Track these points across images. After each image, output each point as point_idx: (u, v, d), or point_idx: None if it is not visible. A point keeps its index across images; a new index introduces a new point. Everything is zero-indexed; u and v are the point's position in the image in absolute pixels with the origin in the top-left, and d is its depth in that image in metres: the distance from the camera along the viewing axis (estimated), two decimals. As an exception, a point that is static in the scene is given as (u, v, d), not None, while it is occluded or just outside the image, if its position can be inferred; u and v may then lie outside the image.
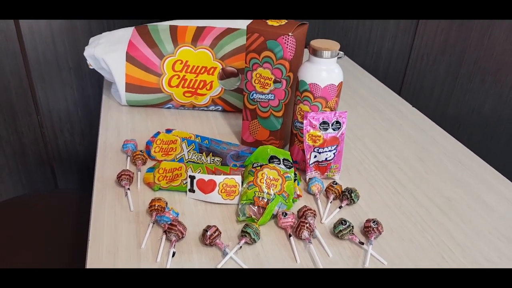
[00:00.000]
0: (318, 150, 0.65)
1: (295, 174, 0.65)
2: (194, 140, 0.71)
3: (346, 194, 0.62)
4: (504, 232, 0.59)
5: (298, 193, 0.63)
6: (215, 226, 0.54)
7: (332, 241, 0.56)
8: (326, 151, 0.65)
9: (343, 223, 0.55)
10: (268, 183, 0.59)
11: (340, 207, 0.62)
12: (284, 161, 0.63)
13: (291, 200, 0.60)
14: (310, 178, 0.66)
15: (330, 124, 0.64)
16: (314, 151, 0.65)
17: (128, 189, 0.62)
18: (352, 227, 0.56)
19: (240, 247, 0.53)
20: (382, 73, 1.40)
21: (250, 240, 0.54)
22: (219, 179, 0.61)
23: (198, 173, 0.63)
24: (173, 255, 0.52)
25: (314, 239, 0.56)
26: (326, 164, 0.66)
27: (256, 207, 0.58)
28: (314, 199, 0.64)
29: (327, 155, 0.65)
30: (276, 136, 0.72)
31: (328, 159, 0.66)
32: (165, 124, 0.82)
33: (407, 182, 0.69)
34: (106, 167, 0.68)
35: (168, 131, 0.75)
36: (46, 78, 1.20)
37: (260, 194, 0.58)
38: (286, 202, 0.59)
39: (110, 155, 0.71)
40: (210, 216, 0.59)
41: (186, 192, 0.62)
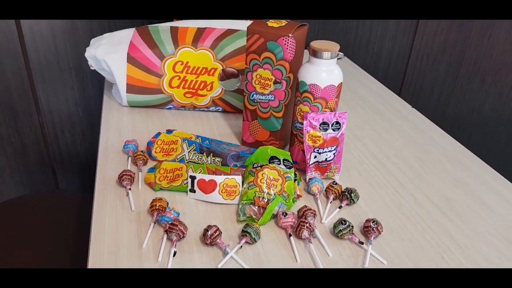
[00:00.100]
0: (318, 150, 0.65)
1: (295, 174, 0.65)
2: (195, 140, 0.71)
3: (346, 194, 0.63)
4: (503, 232, 0.60)
5: (298, 193, 0.63)
6: (215, 226, 0.54)
7: (332, 240, 0.56)
8: (326, 152, 0.65)
9: (343, 223, 0.56)
10: (268, 183, 0.60)
11: (340, 207, 0.62)
12: (284, 161, 0.63)
13: (291, 200, 0.61)
14: (310, 178, 0.66)
15: (330, 125, 0.64)
16: (314, 152, 0.65)
17: (129, 189, 0.63)
18: (352, 227, 0.56)
19: (241, 247, 0.54)
20: (382, 73, 1.40)
21: (250, 239, 0.54)
22: (219, 179, 0.61)
23: (199, 173, 0.63)
24: (174, 254, 0.52)
25: (314, 239, 0.56)
26: (326, 165, 0.66)
27: (257, 207, 0.59)
28: (314, 199, 0.64)
29: (327, 155, 0.65)
30: (276, 136, 0.72)
31: (328, 159, 0.66)
32: (165, 124, 0.82)
33: (407, 182, 0.69)
34: (107, 167, 0.68)
35: (169, 131, 0.75)
36: (47, 79, 1.21)
37: (261, 194, 0.58)
38: (286, 202, 0.60)
39: (111, 155, 0.71)
40: (210, 216, 0.59)
41: (187, 192, 0.63)
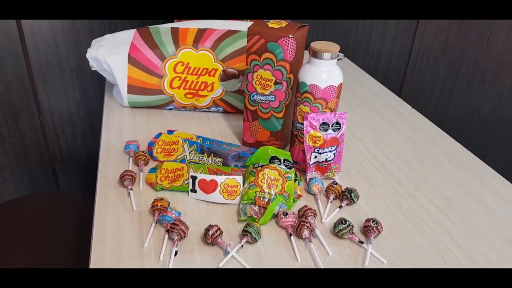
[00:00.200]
0: (318, 150, 0.65)
1: (295, 175, 0.65)
2: (196, 141, 0.72)
3: (346, 194, 0.63)
4: (503, 232, 0.60)
5: (299, 193, 0.64)
6: (216, 226, 0.54)
7: (332, 240, 0.57)
8: (326, 152, 0.65)
9: (343, 223, 0.56)
10: (269, 183, 0.60)
11: (340, 207, 0.62)
12: (285, 161, 0.63)
13: (292, 200, 0.61)
14: (310, 178, 0.66)
15: (330, 125, 0.65)
16: (315, 152, 0.66)
17: (131, 189, 0.63)
18: (352, 226, 0.56)
19: (242, 246, 0.54)
20: (382, 73, 1.40)
21: (251, 239, 0.54)
22: (220, 179, 0.61)
23: (200, 173, 0.64)
24: (175, 254, 0.52)
25: (314, 238, 0.57)
26: (326, 165, 0.67)
27: (257, 206, 0.59)
28: (315, 199, 0.64)
29: (327, 155, 0.66)
30: (277, 137, 0.73)
31: (328, 159, 0.66)
32: (166, 125, 0.82)
33: (407, 182, 0.69)
34: (108, 167, 0.69)
35: (170, 132, 0.76)
36: (48, 80, 1.21)
37: (261, 194, 0.59)
38: (286, 202, 0.60)
39: (112, 156, 0.72)
40: (211, 216, 0.60)
41: (188, 192, 0.63)
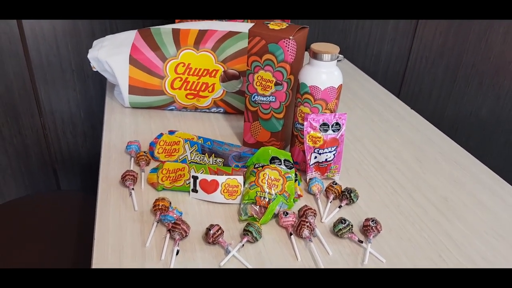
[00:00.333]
0: (318, 151, 0.66)
1: (295, 175, 0.66)
2: (197, 141, 0.72)
3: (346, 194, 0.64)
4: (499, 231, 0.61)
5: (299, 193, 0.64)
6: (218, 225, 0.55)
7: (332, 239, 0.57)
8: (326, 152, 0.66)
9: (343, 222, 0.57)
10: (269, 183, 0.61)
11: (339, 207, 0.63)
12: (285, 161, 0.64)
13: (292, 200, 0.61)
14: (310, 179, 0.67)
15: (330, 126, 0.65)
16: (315, 152, 0.66)
17: (133, 189, 0.64)
18: (352, 226, 0.57)
19: (243, 245, 0.55)
20: (381, 75, 1.41)
21: (252, 238, 0.55)
22: (221, 179, 0.62)
23: (201, 173, 0.64)
24: (177, 253, 0.53)
25: (314, 238, 0.57)
26: (326, 165, 0.67)
27: (258, 206, 0.60)
28: (315, 199, 0.65)
29: (327, 156, 0.66)
30: (277, 137, 0.73)
31: (328, 160, 0.67)
32: (167, 125, 0.83)
33: (405, 182, 0.70)
34: (110, 168, 0.69)
35: (171, 132, 0.76)
36: (49, 80, 1.21)
37: (262, 194, 0.59)
38: (287, 201, 0.60)
39: (114, 156, 0.72)
40: (213, 215, 0.60)
41: (189, 192, 0.64)
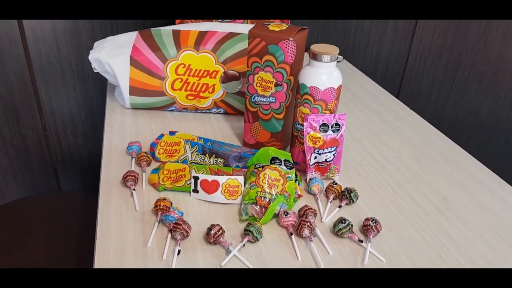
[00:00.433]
0: (318, 151, 0.66)
1: (296, 175, 0.66)
2: (197, 142, 0.73)
3: (346, 194, 0.64)
4: (499, 231, 0.61)
5: (299, 193, 0.65)
6: (218, 225, 0.55)
7: (332, 239, 0.58)
8: (326, 152, 0.66)
9: (343, 222, 0.57)
10: (269, 183, 0.61)
11: (339, 207, 0.63)
12: (285, 162, 0.64)
13: (292, 200, 0.62)
14: (310, 179, 0.67)
15: (330, 126, 0.66)
16: (314, 152, 0.67)
17: (134, 189, 0.64)
18: (352, 225, 0.57)
19: (243, 245, 0.55)
20: (381, 76, 1.42)
21: (252, 238, 0.55)
22: (222, 179, 0.62)
23: (202, 174, 0.64)
24: (178, 253, 0.53)
25: (314, 237, 0.58)
26: (326, 165, 0.68)
27: (258, 206, 0.60)
28: (315, 199, 0.65)
29: (327, 156, 0.67)
30: (277, 138, 0.74)
31: (328, 160, 0.67)
32: (168, 126, 0.83)
33: (405, 182, 0.70)
34: (111, 168, 0.69)
35: (172, 133, 0.76)
36: (50, 81, 1.22)
37: (262, 194, 0.60)
38: (287, 201, 0.61)
39: (115, 156, 0.73)
40: (213, 216, 0.61)
41: (190, 193, 0.64)
